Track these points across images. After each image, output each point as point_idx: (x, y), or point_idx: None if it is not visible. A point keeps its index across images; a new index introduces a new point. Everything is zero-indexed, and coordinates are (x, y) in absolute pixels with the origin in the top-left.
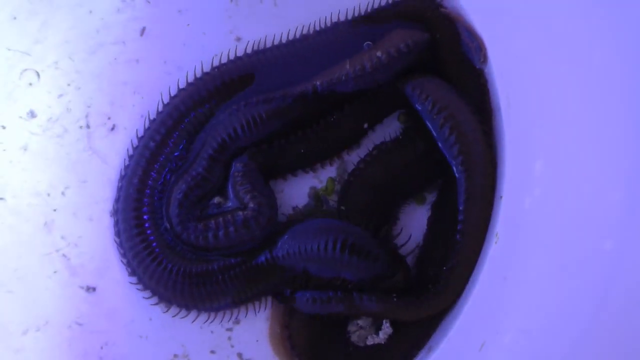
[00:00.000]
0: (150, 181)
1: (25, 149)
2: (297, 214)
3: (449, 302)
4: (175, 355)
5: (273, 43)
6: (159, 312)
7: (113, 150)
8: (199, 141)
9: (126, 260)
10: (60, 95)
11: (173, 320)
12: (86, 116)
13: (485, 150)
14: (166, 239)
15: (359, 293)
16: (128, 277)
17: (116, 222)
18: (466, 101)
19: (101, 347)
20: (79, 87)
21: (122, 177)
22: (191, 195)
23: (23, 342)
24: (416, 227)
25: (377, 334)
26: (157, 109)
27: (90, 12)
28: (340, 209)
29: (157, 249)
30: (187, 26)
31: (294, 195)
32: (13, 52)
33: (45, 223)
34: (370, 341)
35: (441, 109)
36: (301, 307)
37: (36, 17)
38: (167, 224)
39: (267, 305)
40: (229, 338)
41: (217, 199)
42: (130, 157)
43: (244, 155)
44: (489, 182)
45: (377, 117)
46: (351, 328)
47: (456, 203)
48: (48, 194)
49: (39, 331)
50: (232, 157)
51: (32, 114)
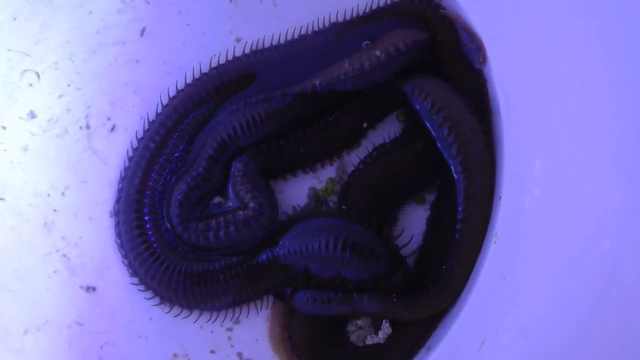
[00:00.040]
0: (150, 182)
1: (25, 150)
2: (298, 214)
3: (449, 302)
4: (175, 354)
5: (272, 43)
6: (159, 312)
7: (113, 150)
8: (199, 142)
9: (127, 261)
10: (60, 95)
11: (173, 320)
12: (86, 117)
13: (484, 149)
14: (167, 240)
15: (359, 294)
16: (128, 277)
17: (117, 224)
18: (465, 101)
19: (101, 347)
20: (79, 88)
21: (123, 179)
22: (191, 195)
23: (23, 342)
24: (416, 228)
25: (376, 334)
26: (157, 110)
27: (90, 13)
28: (341, 208)
29: (159, 250)
30: (187, 27)
31: (294, 195)
32: (13, 53)
33: (45, 223)
34: (369, 341)
35: (440, 109)
36: (302, 308)
37: (36, 18)
38: (168, 225)
39: (268, 305)
40: (229, 338)
41: (218, 199)
42: (130, 159)
43: (244, 155)
44: (488, 182)
45: (377, 117)
46: (350, 328)
47: (455, 203)
48: (48, 195)
49: (39, 331)
50: (232, 157)
51: (33, 115)
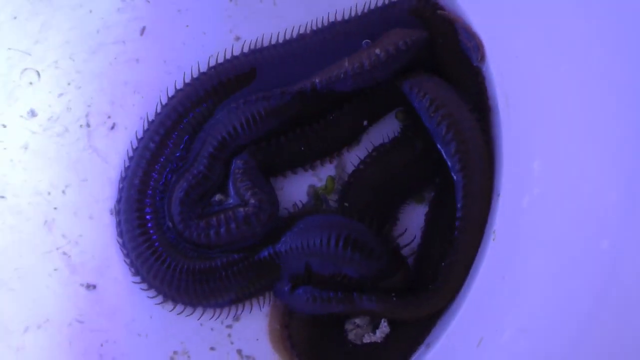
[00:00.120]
0: (151, 182)
1: (25, 148)
2: (299, 211)
3: (448, 300)
4: (175, 352)
5: (270, 42)
6: (159, 310)
7: (113, 149)
8: (199, 140)
9: (129, 260)
10: (60, 94)
11: (173, 317)
12: (86, 115)
13: (482, 148)
14: (169, 238)
15: (359, 293)
16: (128, 276)
17: (118, 223)
18: (464, 99)
19: (101, 345)
20: (79, 87)
21: (123, 179)
22: (192, 193)
23: (24, 340)
24: (416, 227)
25: (374, 333)
26: (156, 109)
27: (90, 12)
28: (344, 206)
29: (160, 248)
30: (187, 26)
31: (294, 193)
32: (14, 52)
33: (45, 222)
34: (366, 339)
35: (439, 107)
36: (301, 306)
37: (36, 17)
38: (170, 223)
39: (268, 301)
40: (229, 335)
41: (218, 197)
42: (130, 159)
43: (244, 152)
44: (487, 180)
45: (376, 115)
46: (348, 326)
47: (454, 201)
48: (48, 193)
49: (40, 329)
50: (233, 155)
51: (33, 113)
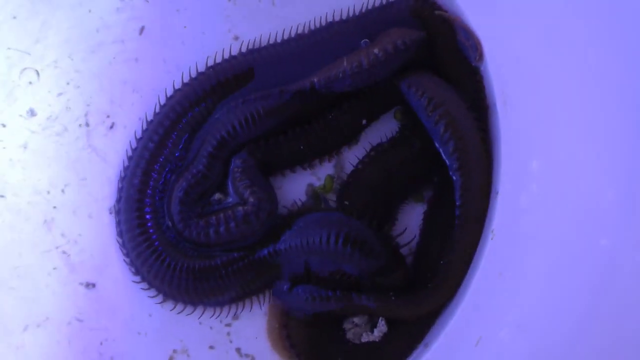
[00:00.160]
0: (151, 181)
1: (25, 147)
2: (299, 209)
3: (446, 298)
4: (174, 350)
5: (269, 42)
6: (159, 309)
7: (112, 148)
8: (198, 139)
9: (129, 259)
10: (59, 94)
11: (172, 316)
12: (85, 115)
13: (480, 146)
14: (168, 237)
15: (358, 292)
16: (127, 274)
17: (118, 223)
18: (462, 98)
19: (101, 343)
20: (79, 86)
21: (122, 179)
22: (192, 192)
23: (23, 339)
24: (415, 226)
25: (372, 332)
26: (155, 109)
27: (89, 12)
28: (344, 204)
29: (160, 248)
30: (186, 25)
31: (293, 192)
32: (13, 51)
33: (45, 221)
34: (364, 338)
35: (436, 106)
36: (300, 305)
37: (36, 17)
38: (169, 222)
39: (267, 300)
40: (228, 334)
41: (218, 196)
42: (129, 159)
43: (243, 151)
44: (485, 179)
45: (375, 114)
46: (347, 326)
47: (453, 200)
48: (48, 192)
49: (39, 328)
50: (232, 154)
51: (32, 113)
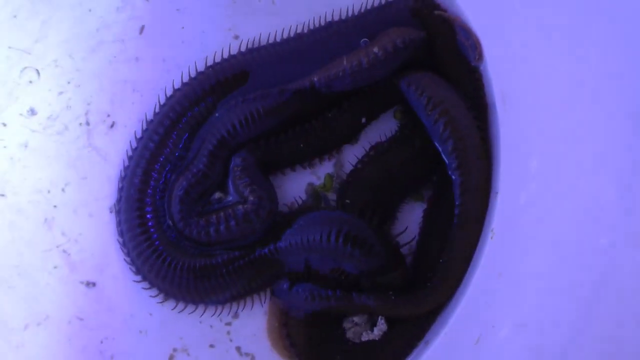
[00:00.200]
0: (151, 181)
1: (25, 146)
2: (300, 207)
3: (446, 297)
4: (174, 349)
5: (269, 41)
6: (159, 307)
7: (113, 147)
8: (198, 139)
9: (130, 259)
10: (60, 93)
11: (172, 315)
12: (86, 114)
13: (480, 145)
14: (169, 236)
15: (358, 292)
16: (128, 273)
17: (119, 223)
18: (461, 97)
19: (101, 342)
20: (79, 85)
21: (123, 178)
22: (192, 191)
23: (23, 337)
24: (415, 225)
25: (372, 331)
26: (155, 108)
27: (89, 11)
28: (344, 203)
29: (161, 247)
30: (186, 24)
31: (293, 190)
32: (13, 51)
33: (45, 219)
34: (364, 337)
35: (436, 105)
36: (300, 304)
37: (36, 16)
38: (170, 221)
39: (267, 299)
40: (228, 332)
41: (218, 195)
42: (129, 158)
43: (243, 150)
44: (484, 178)
45: (374, 113)
46: (346, 325)
47: (452, 199)
48: (48, 191)
49: (40, 326)
50: (232, 153)
51: (33, 112)
